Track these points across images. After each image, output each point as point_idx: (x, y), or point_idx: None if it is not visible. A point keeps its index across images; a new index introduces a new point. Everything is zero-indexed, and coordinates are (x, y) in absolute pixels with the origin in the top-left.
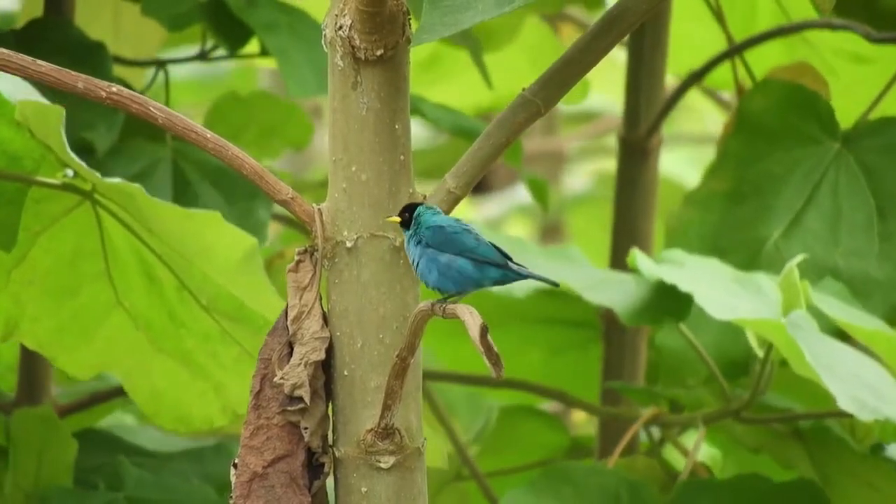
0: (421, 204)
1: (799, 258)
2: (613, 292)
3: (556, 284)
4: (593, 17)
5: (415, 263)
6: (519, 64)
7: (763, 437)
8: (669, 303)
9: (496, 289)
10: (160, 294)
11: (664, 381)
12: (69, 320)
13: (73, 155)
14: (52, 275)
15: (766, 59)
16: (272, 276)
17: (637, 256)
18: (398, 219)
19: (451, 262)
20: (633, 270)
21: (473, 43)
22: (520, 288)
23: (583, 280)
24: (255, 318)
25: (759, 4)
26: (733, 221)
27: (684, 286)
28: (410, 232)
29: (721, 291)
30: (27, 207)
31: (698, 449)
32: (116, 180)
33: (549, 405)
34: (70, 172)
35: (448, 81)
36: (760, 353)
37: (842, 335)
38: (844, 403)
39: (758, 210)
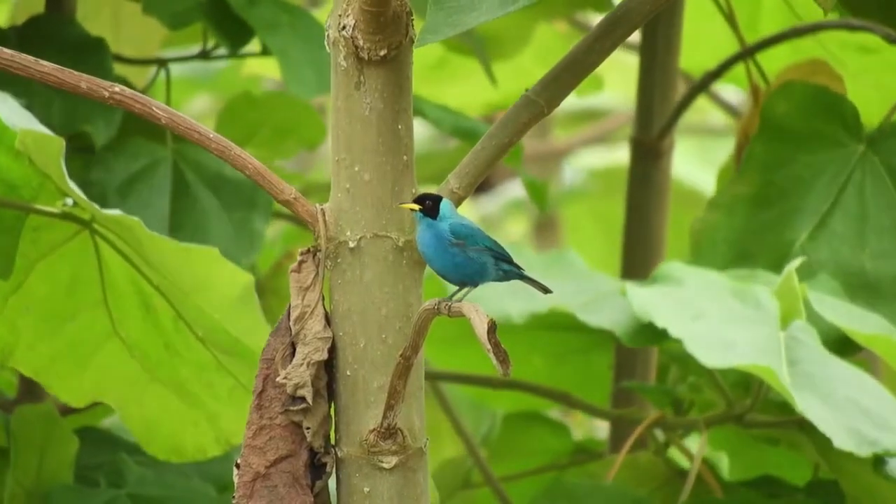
0: (440, 197)
1: (797, 262)
2: (611, 312)
3: (548, 291)
4: (586, 15)
5: (435, 254)
6: (528, 66)
7: (768, 432)
8: None
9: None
10: (156, 324)
11: (692, 385)
12: (65, 348)
13: (72, 185)
14: (48, 302)
15: (773, 55)
16: (281, 277)
17: (629, 289)
18: (416, 206)
19: (478, 256)
20: (641, 279)
21: (476, 41)
22: (519, 315)
23: (579, 298)
24: (251, 353)
25: (764, 2)
26: (759, 225)
27: (675, 331)
28: (428, 222)
29: (717, 320)
30: (25, 235)
31: (702, 453)
32: (115, 212)
33: (554, 412)
34: (69, 201)
35: (457, 81)
36: None
37: (841, 338)
38: (841, 441)
39: (784, 214)
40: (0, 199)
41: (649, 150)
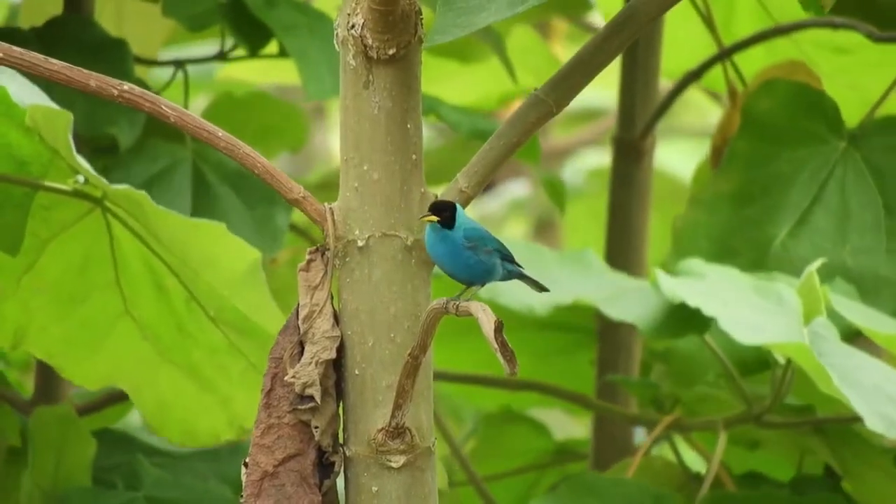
0: (454, 205)
1: (818, 263)
2: (633, 305)
3: (545, 289)
4: (590, 17)
5: (448, 259)
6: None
7: (781, 434)
8: (692, 316)
9: (490, 294)
10: (168, 304)
11: (675, 384)
12: (77, 329)
13: (81, 160)
14: (60, 283)
15: (749, 57)
16: (274, 280)
17: (659, 276)
18: (435, 217)
19: (488, 258)
20: (641, 276)
21: (494, 38)
22: (541, 306)
23: (600, 292)
24: (261, 331)
25: (738, 4)
26: (741, 222)
27: (709, 309)
28: (444, 233)
29: (744, 308)
30: (36, 214)
31: (720, 454)
32: (123, 187)
33: (540, 413)
34: (81, 179)
35: (436, 84)
36: (781, 360)
37: (853, 338)
38: (872, 423)
39: (765, 210)
40: (9, 176)
41: (631, 149)
